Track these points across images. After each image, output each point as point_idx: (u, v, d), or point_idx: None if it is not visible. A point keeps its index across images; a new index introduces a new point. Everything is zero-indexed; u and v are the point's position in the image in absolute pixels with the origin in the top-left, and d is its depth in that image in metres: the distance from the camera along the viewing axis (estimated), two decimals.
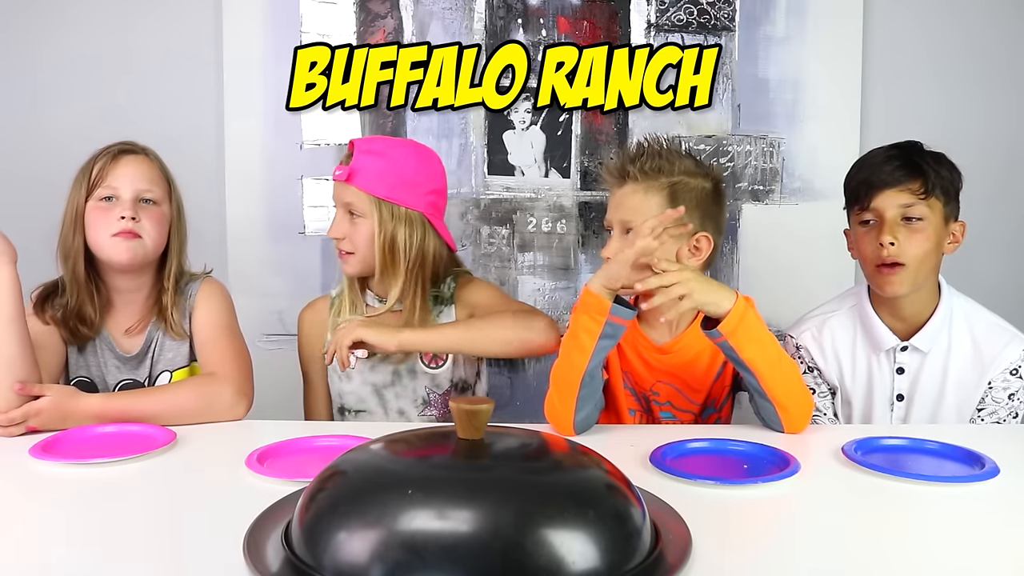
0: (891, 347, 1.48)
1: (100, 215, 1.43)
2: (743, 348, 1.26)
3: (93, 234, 1.44)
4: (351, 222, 1.52)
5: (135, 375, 1.49)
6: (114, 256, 1.43)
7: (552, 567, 0.71)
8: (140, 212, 1.44)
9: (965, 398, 1.46)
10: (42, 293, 1.48)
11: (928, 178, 1.40)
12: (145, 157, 1.49)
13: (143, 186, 1.45)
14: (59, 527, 0.95)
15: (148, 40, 2.15)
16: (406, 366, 1.57)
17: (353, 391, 1.58)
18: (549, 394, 1.34)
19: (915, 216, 1.41)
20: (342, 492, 0.79)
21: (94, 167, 1.45)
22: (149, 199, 1.46)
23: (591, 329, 1.28)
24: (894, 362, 1.49)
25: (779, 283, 2.11)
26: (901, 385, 1.49)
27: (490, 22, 2.13)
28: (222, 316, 1.51)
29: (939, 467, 1.17)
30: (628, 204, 1.41)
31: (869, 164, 1.47)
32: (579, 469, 0.84)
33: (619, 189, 1.43)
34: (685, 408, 1.48)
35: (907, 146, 1.47)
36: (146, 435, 1.26)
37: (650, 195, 1.40)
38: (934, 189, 1.40)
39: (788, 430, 1.30)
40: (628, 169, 1.42)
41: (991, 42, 2.15)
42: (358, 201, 1.52)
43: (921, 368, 1.48)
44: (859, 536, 0.93)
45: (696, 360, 1.45)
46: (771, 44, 2.14)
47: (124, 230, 1.42)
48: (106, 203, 1.44)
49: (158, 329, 1.50)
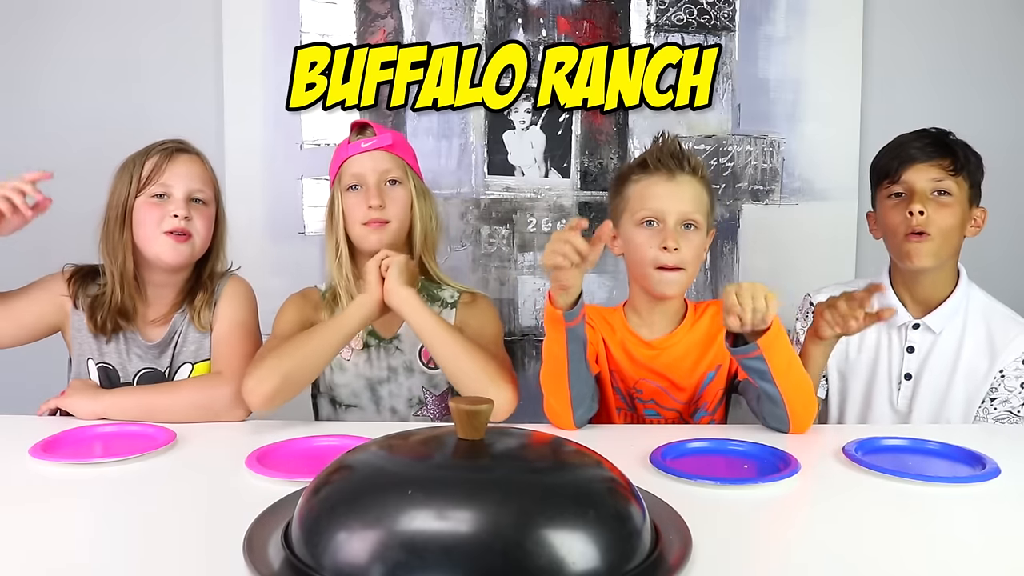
0: (903, 323, 1.50)
1: (151, 212, 1.44)
2: (773, 360, 1.24)
3: (143, 231, 1.44)
4: (388, 190, 1.52)
5: (156, 364, 1.50)
6: (163, 255, 1.44)
7: (552, 567, 0.71)
8: (192, 211, 1.45)
9: (974, 385, 1.48)
10: (74, 272, 1.49)
11: (958, 157, 1.45)
12: (198, 157, 1.51)
13: (196, 186, 1.47)
14: (59, 527, 0.95)
15: (148, 40, 2.14)
16: (403, 364, 1.55)
17: (347, 384, 1.56)
18: (545, 398, 1.35)
19: (944, 190, 1.45)
20: (342, 492, 0.79)
21: (146, 163, 1.45)
22: (200, 199, 1.48)
23: (558, 339, 1.28)
24: (905, 340, 1.50)
25: (779, 283, 2.07)
26: (910, 364, 1.50)
27: (490, 22, 2.13)
28: (241, 313, 1.52)
29: (940, 467, 1.17)
30: (688, 195, 1.41)
31: (900, 142, 1.51)
32: (579, 469, 0.84)
33: (669, 181, 1.42)
34: (670, 406, 1.47)
35: (936, 131, 1.51)
36: (146, 435, 1.26)
37: (703, 189, 1.44)
38: (962, 169, 1.45)
39: (794, 431, 1.30)
40: (682, 162, 1.42)
41: (991, 42, 2.15)
42: (396, 167, 1.53)
43: (932, 349, 1.49)
44: (860, 536, 0.93)
45: (683, 358, 1.45)
46: (771, 44, 2.14)
47: (176, 228, 1.43)
48: (158, 200, 1.44)
49: (183, 320, 1.50)
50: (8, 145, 2.14)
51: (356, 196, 1.53)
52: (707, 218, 1.44)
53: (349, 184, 1.54)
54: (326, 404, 1.60)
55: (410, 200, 1.55)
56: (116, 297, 1.45)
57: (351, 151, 1.54)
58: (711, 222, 1.47)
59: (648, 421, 1.48)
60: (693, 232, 1.41)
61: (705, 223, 1.43)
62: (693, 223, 1.41)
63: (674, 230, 1.39)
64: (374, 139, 1.53)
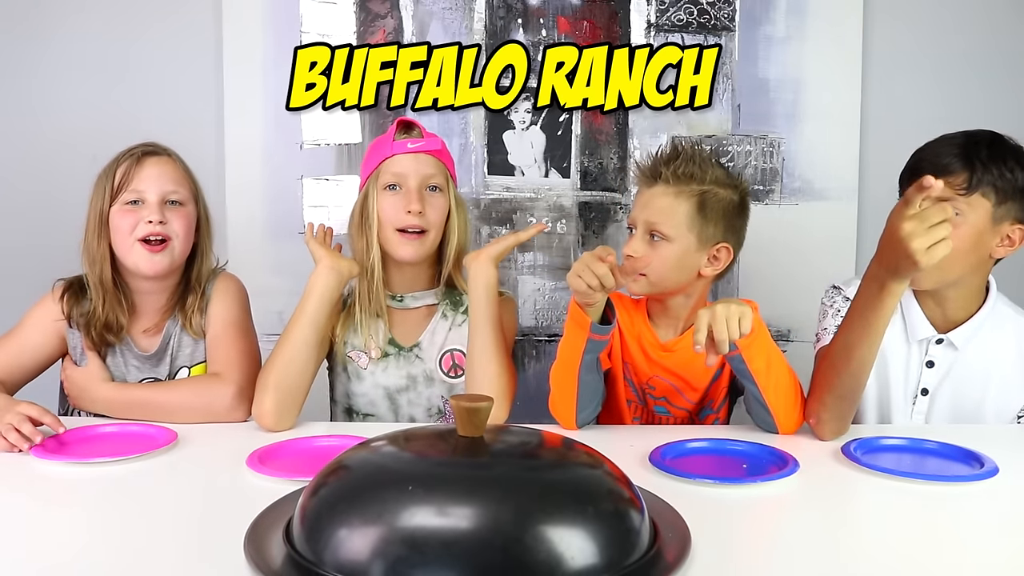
0: (925, 338, 1.43)
1: (126, 219, 1.41)
2: (752, 361, 1.26)
3: (120, 239, 1.41)
4: (428, 196, 1.46)
5: (155, 373, 1.48)
6: (140, 265, 1.42)
7: (551, 563, 0.71)
8: (167, 214, 1.42)
9: (1004, 406, 1.43)
10: (65, 289, 1.47)
11: (974, 174, 1.33)
12: (168, 158, 1.47)
13: (169, 187, 1.44)
14: (61, 527, 0.96)
15: (148, 40, 2.15)
16: (423, 373, 1.51)
17: (365, 393, 1.52)
18: (552, 394, 1.37)
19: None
20: (343, 488, 0.79)
21: (117, 170, 1.42)
22: (176, 200, 1.44)
23: (577, 344, 1.29)
24: (925, 354, 1.44)
25: (779, 283, 2.11)
26: (928, 380, 1.44)
27: (490, 22, 2.13)
28: (233, 311, 1.50)
29: (939, 467, 1.17)
30: (657, 205, 1.40)
31: (924, 149, 1.42)
32: (578, 467, 0.84)
33: (648, 189, 1.42)
34: (680, 405, 1.47)
35: (975, 137, 1.39)
36: (147, 435, 1.27)
37: (680, 200, 1.39)
38: (979, 186, 1.33)
39: (782, 432, 1.31)
40: (661, 171, 1.40)
41: (990, 42, 2.15)
42: (439, 174, 1.48)
43: (953, 366, 1.43)
44: (859, 536, 0.93)
45: (697, 359, 1.44)
46: (771, 44, 2.14)
47: (152, 233, 1.40)
48: (132, 207, 1.41)
49: (175, 325, 1.49)
50: (8, 145, 2.15)
51: (394, 197, 1.46)
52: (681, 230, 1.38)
53: (388, 183, 1.47)
54: (342, 413, 1.56)
55: (448, 210, 1.50)
56: (99, 311, 1.42)
57: (396, 149, 1.47)
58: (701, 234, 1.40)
59: (658, 418, 1.48)
60: (659, 242, 1.39)
61: (677, 234, 1.38)
62: (659, 234, 1.38)
63: (640, 238, 1.40)
64: (422, 141, 1.48)
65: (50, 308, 1.45)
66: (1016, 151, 1.37)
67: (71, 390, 1.43)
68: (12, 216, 2.14)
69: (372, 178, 1.49)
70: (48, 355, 1.47)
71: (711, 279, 1.45)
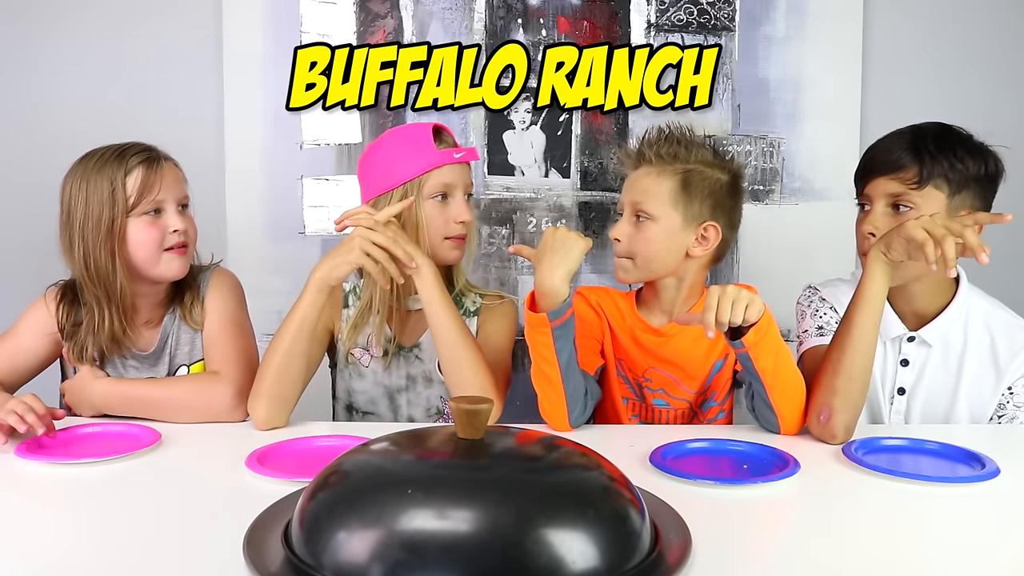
0: (897, 336, 1.42)
1: (149, 231, 1.38)
2: (759, 359, 1.24)
3: (143, 252, 1.38)
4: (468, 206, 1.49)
5: (154, 372, 1.48)
6: (167, 272, 1.41)
7: (551, 566, 0.71)
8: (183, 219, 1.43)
9: (980, 402, 1.41)
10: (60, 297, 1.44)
11: (924, 166, 1.33)
12: (172, 163, 1.46)
13: (183, 193, 1.44)
14: (58, 527, 0.95)
15: (148, 40, 2.15)
16: (422, 373, 1.52)
17: (365, 391, 1.54)
18: (539, 399, 1.35)
19: (905, 204, 1.35)
20: (342, 491, 0.79)
21: (127, 180, 1.37)
22: (186, 205, 1.45)
23: (544, 341, 1.28)
24: (899, 353, 1.43)
25: (779, 283, 2.09)
26: (904, 379, 1.43)
27: (490, 22, 2.13)
28: (230, 307, 1.50)
29: (939, 467, 1.17)
30: (640, 186, 1.41)
31: (874, 147, 1.44)
32: (579, 469, 0.83)
33: (634, 172, 1.44)
34: (680, 396, 1.46)
35: (922, 130, 1.39)
36: (131, 435, 1.26)
37: (663, 179, 1.40)
38: (931, 178, 1.33)
39: (784, 432, 1.30)
40: (644, 152, 1.43)
41: (991, 42, 2.15)
42: (472, 185, 1.52)
43: (927, 363, 1.42)
44: (859, 536, 0.93)
45: (694, 345, 1.44)
46: (771, 44, 2.14)
47: (179, 242, 1.41)
48: (153, 217, 1.39)
49: (172, 323, 1.48)
50: (8, 145, 2.15)
51: (441, 207, 1.45)
52: (666, 208, 1.38)
53: (435, 193, 1.45)
54: (343, 410, 1.57)
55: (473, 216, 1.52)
56: (104, 324, 1.40)
57: (444, 159, 1.45)
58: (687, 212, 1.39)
59: (657, 411, 1.48)
60: (644, 222, 1.40)
61: (661, 213, 1.38)
62: (643, 213, 1.40)
63: (626, 220, 1.42)
64: (465, 151, 1.49)
65: (43, 315, 1.44)
66: (964, 140, 1.38)
67: (70, 400, 1.43)
68: (9, 212, 2.14)
69: (414, 185, 1.44)
70: (43, 359, 1.47)
71: (704, 263, 1.44)
